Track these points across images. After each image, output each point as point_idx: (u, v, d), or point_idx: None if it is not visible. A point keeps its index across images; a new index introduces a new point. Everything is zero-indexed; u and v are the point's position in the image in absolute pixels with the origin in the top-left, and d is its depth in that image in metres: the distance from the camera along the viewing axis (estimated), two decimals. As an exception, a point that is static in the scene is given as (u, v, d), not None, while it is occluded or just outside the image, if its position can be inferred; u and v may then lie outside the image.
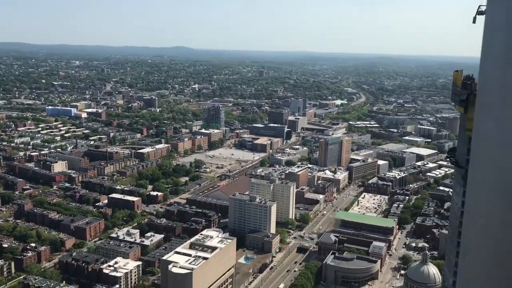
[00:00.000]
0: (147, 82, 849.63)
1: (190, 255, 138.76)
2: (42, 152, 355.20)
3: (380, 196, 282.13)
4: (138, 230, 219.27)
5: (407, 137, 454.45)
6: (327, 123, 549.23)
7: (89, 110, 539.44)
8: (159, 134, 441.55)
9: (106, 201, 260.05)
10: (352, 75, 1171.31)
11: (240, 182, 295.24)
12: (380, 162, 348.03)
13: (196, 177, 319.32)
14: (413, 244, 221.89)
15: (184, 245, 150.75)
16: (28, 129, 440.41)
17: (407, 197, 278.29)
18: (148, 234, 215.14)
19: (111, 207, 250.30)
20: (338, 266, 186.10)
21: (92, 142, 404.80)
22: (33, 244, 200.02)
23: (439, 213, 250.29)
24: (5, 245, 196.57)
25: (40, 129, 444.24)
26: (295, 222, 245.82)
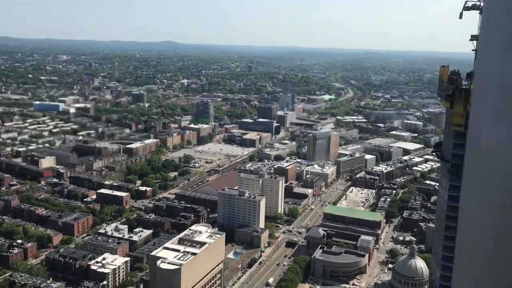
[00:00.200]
0: (136, 77, 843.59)
1: (179, 251, 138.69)
2: (30, 148, 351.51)
3: (368, 190, 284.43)
4: (127, 226, 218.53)
5: (394, 132, 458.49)
6: (316, 118, 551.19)
7: (77, 105, 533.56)
8: (148, 129, 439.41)
9: (95, 197, 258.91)
10: (340, 71, 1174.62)
11: (229, 177, 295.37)
12: (368, 157, 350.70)
13: (185, 172, 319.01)
14: (401, 238, 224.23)
15: (173, 241, 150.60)
16: (15, 124, 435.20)
17: (394, 191, 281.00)
18: (137, 230, 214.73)
19: (100, 203, 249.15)
20: (327, 261, 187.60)
21: (81, 138, 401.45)
22: (20, 241, 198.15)
23: (426, 207, 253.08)
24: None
25: (28, 125, 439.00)
26: (284, 217, 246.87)
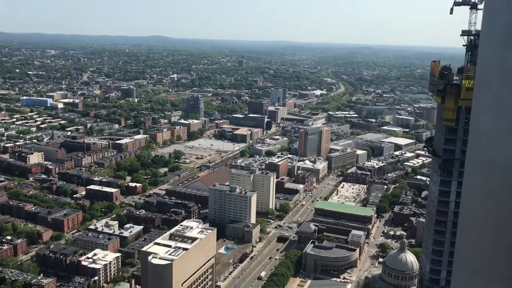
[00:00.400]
0: (125, 72, 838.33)
1: (170, 246, 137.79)
2: (17, 143, 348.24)
3: (359, 186, 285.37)
4: (117, 222, 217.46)
5: (386, 127, 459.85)
6: (307, 113, 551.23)
7: (66, 101, 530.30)
8: (138, 125, 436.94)
9: (84, 193, 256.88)
10: (332, 65, 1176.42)
11: (220, 173, 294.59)
12: (359, 152, 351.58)
13: (176, 168, 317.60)
14: (391, 233, 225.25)
15: (164, 236, 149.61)
16: (2, 120, 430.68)
17: (385, 186, 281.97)
18: (127, 226, 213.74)
19: (89, 199, 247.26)
20: (318, 255, 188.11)
21: (69, 133, 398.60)
22: (9, 237, 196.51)
23: (417, 202, 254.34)
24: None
25: (15, 120, 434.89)
26: (275, 212, 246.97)
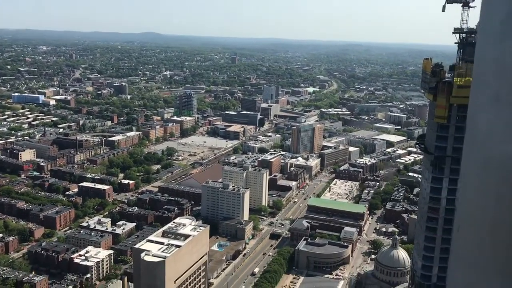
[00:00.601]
0: (117, 69, 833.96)
1: (163, 243, 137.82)
2: (9, 140, 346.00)
3: (351, 182, 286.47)
4: (110, 219, 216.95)
5: (378, 124, 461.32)
6: (300, 111, 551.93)
7: (58, 97, 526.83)
8: (130, 122, 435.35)
9: (76, 190, 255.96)
10: (324, 63, 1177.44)
11: (213, 170, 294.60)
12: (352, 149, 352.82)
13: (168, 165, 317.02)
14: (383, 229, 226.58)
15: (157, 233, 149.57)
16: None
17: (378, 183, 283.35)
18: (120, 223, 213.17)
19: (82, 196, 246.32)
20: (310, 252, 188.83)
21: (61, 130, 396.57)
22: (1, 235, 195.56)
23: (409, 199, 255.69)
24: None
25: (6, 117, 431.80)
26: (268, 209, 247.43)
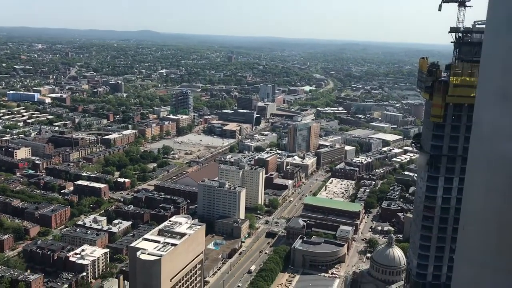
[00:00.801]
0: (113, 67, 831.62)
1: (159, 242, 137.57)
2: (4, 138, 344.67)
3: (347, 181, 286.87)
4: (105, 217, 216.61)
5: (374, 123, 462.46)
6: (296, 109, 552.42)
7: (53, 95, 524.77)
8: (126, 120, 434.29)
9: (72, 188, 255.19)
10: (321, 61, 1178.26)
11: (209, 168, 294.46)
12: (348, 148, 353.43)
13: (164, 164, 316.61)
14: (379, 228, 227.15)
15: (153, 232, 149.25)
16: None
17: (374, 182, 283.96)
18: (116, 221, 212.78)
19: (77, 194, 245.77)
20: (306, 250, 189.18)
21: (57, 128, 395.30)
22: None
23: (404, 198, 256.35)
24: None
25: (2, 115, 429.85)
26: (264, 208, 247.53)
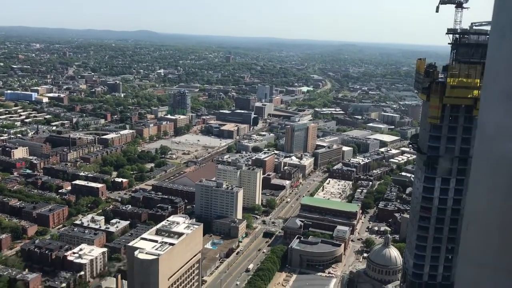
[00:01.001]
0: (111, 67, 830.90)
1: (156, 241, 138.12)
2: (1, 138, 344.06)
3: (345, 182, 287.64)
4: (103, 217, 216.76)
5: (371, 124, 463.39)
6: (294, 110, 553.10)
7: (51, 95, 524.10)
8: (124, 120, 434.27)
9: (70, 188, 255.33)
10: (318, 62, 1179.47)
11: (207, 168, 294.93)
12: (345, 148, 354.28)
13: (162, 164, 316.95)
14: (376, 228, 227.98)
15: (150, 231, 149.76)
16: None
17: (371, 183, 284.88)
18: (114, 221, 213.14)
19: (75, 194, 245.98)
20: (303, 250, 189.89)
21: (54, 128, 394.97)
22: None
23: (401, 198, 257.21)
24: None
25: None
26: (262, 208, 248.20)
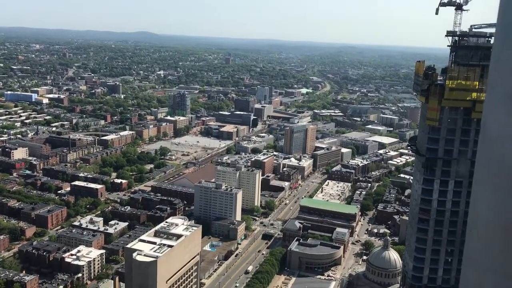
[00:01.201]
0: (111, 68, 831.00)
1: (155, 243, 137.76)
2: (1, 139, 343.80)
3: (344, 183, 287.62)
4: (102, 218, 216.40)
5: (370, 126, 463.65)
6: (293, 111, 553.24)
7: (51, 96, 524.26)
8: (124, 121, 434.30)
9: (69, 189, 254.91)
10: (318, 64, 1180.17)
11: (206, 170, 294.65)
12: (344, 150, 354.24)
13: (161, 165, 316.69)
14: (375, 230, 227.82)
15: (149, 233, 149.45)
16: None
17: (369, 184, 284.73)
18: (112, 222, 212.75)
19: (74, 195, 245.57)
20: (302, 252, 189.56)
21: (54, 129, 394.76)
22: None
23: (400, 200, 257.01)
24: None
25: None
26: (261, 209, 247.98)
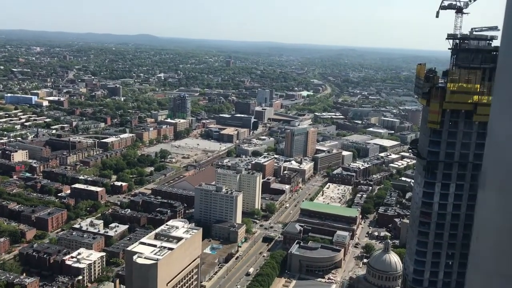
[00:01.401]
0: (111, 70, 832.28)
1: (155, 246, 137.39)
2: (1, 141, 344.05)
3: (344, 187, 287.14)
4: (102, 221, 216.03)
5: (371, 129, 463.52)
6: (294, 114, 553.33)
7: (51, 98, 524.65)
8: (124, 124, 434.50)
9: (69, 192, 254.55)
10: (318, 67, 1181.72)
11: (206, 173, 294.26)
12: (345, 153, 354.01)
13: (162, 167, 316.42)
14: (376, 233, 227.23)
15: (149, 236, 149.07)
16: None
17: (370, 187, 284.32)
18: (112, 225, 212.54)
19: (74, 198, 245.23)
20: (303, 255, 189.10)
21: (54, 131, 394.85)
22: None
23: (401, 203, 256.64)
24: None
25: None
26: (261, 212, 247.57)
